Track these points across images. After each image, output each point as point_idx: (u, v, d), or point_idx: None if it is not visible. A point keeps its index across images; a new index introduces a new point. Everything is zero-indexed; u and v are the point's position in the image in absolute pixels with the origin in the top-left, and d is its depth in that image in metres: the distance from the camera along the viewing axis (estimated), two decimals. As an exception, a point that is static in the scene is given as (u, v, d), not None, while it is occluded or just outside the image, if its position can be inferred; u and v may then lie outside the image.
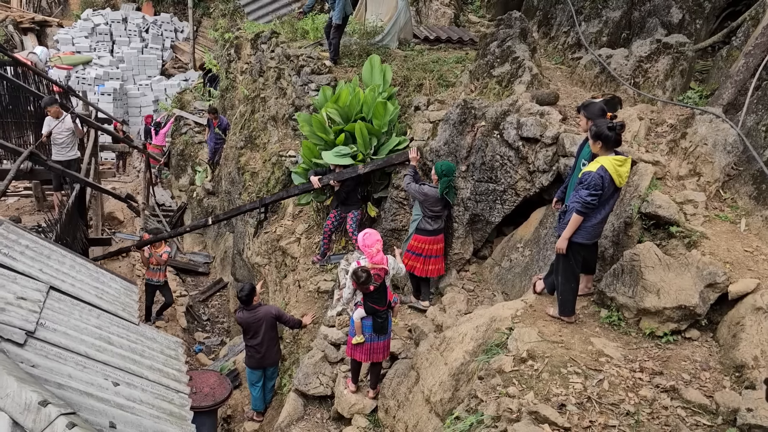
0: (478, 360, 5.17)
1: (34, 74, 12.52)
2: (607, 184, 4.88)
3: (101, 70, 22.82)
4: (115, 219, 14.79)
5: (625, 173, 5.01)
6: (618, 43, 9.62)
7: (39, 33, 24.82)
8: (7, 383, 3.16)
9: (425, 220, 7.21)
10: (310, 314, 8.07)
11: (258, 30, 13.40)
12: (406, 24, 11.22)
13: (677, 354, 4.92)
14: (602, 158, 4.94)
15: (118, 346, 4.91)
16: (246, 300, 7.47)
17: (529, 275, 6.86)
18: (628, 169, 5.04)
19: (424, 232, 7.21)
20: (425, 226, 7.21)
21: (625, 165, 4.98)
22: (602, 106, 5.55)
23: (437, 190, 7.04)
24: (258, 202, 10.23)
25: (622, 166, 4.96)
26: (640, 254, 5.32)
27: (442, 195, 7.05)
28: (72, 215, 8.37)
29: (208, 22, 23.92)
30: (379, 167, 8.22)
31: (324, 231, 8.82)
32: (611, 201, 5.12)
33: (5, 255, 4.90)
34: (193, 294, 13.14)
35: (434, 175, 7.09)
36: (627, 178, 5.14)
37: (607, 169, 4.86)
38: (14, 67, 12.14)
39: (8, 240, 5.18)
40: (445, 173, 6.99)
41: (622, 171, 4.96)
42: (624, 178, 5.02)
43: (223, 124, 14.25)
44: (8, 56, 12.71)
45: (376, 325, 6.12)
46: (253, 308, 7.52)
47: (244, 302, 7.50)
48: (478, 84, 8.59)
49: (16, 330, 4.02)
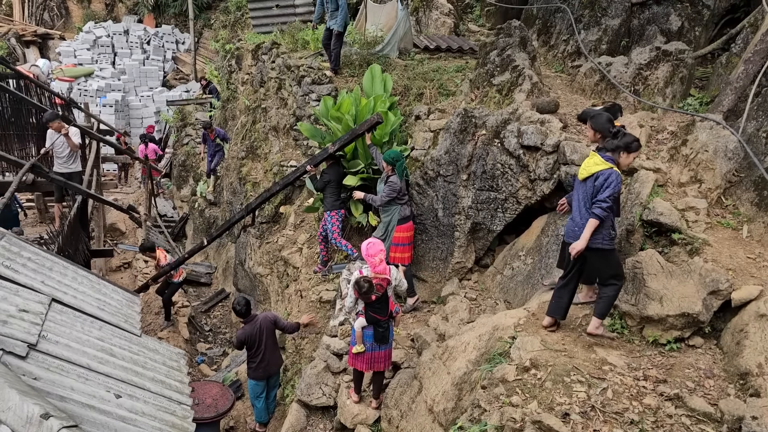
0: (481, 369, 5.15)
1: (36, 87, 12.57)
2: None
3: (103, 82, 22.93)
4: (117, 230, 14.79)
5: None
6: (617, 50, 9.65)
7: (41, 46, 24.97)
8: (9, 396, 3.15)
9: (402, 209, 7.55)
10: (307, 315, 8.06)
11: (259, 41, 13.46)
12: (406, 33, 11.26)
13: (681, 362, 4.90)
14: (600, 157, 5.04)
15: (121, 358, 4.90)
16: (245, 312, 7.47)
17: (531, 283, 6.85)
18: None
19: (405, 219, 7.57)
20: (404, 213, 7.56)
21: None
22: (609, 116, 5.60)
23: (397, 177, 7.44)
24: (244, 210, 10.09)
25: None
26: (642, 262, 5.31)
27: (403, 178, 7.50)
28: (74, 227, 8.38)
29: (210, 33, 24.04)
30: (347, 141, 8.26)
31: (318, 237, 8.85)
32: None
33: (7, 267, 4.91)
34: (196, 305, 13.11)
35: (387, 166, 7.50)
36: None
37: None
38: (16, 79, 12.19)
39: (10, 252, 5.18)
40: (396, 159, 7.45)
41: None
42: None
43: (220, 135, 14.26)
44: (10, 69, 12.78)
45: (377, 335, 6.11)
46: (252, 318, 7.52)
47: (243, 314, 7.49)
48: (478, 93, 8.61)
49: (18, 342, 4.02)
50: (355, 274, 6.20)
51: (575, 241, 5.01)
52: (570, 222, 5.29)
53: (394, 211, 7.56)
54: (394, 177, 7.48)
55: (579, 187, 5.19)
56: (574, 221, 5.21)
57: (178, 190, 17.85)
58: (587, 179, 5.07)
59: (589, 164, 5.09)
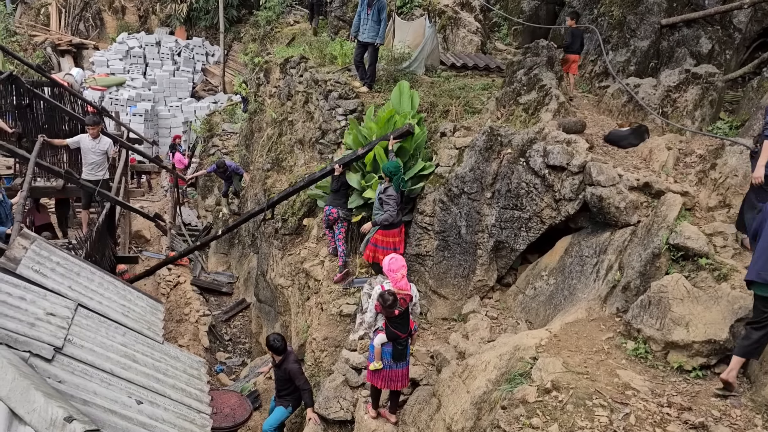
0: (501, 389, 5.10)
1: (69, 95, 12.88)
2: None
3: (134, 91, 23.38)
4: (142, 237, 15.03)
5: None
6: (646, 72, 9.60)
7: (76, 55, 25.59)
8: (34, 398, 3.20)
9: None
10: (315, 416, 7.17)
11: (287, 54, 13.64)
12: (433, 51, 11.33)
13: (707, 389, 4.80)
14: None
15: (143, 364, 4.94)
16: (283, 347, 7.18)
17: (553, 304, 6.79)
18: None
19: (389, 226, 7.88)
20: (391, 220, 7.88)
21: None
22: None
23: (393, 189, 7.79)
24: (265, 204, 10.41)
25: None
26: (668, 286, 5.24)
27: (399, 189, 7.91)
28: (102, 233, 8.52)
29: (239, 46, 24.41)
30: (374, 144, 8.62)
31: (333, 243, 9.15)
32: None
33: (36, 272, 5.00)
34: (216, 314, 13.22)
35: (386, 177, 7.85)
36: None
37: None
38: (51, 87, 12.51)
39: (40, 257, 5.28)
40: (394, 172, 7.81)
41: None
42: None
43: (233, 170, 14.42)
44: (46, 77, 13.11)
45: (396, 352, 6.07)
46: (289, 354, 7.32)
47: (281, 350, 7.15)
48: (504, 111, 8.61)
49: (45, 345, 4.08)
50: (376, 288, 6.20)
51: None
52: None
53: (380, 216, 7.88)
54: (390, 189, 7.75)
55: None
56: None
57: (202, 200, 18.07)
58: None
59: None
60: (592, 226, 6.86)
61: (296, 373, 7.15)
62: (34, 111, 11.83)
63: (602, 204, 6.40)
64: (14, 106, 11.78)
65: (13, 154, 8.93)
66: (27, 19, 26.48)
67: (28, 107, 11.76)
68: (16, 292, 4.43)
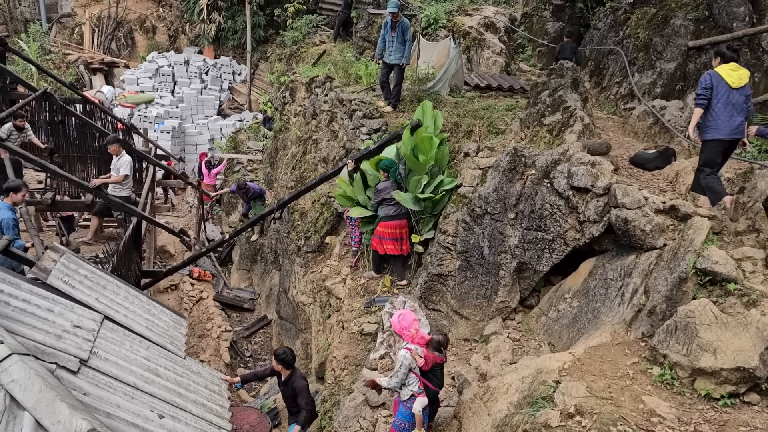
0: (523, 413, 5.03)
1: (100, 112, 13.19)
2: (716, 84, 6.09)
3: (162, 109, 23.81)
4: (167, 252, 15.19)
5: (737, 76, 6.12)
6: (672, 94, 9.53)
7: (107, 73, 26.18)
8: (60, 410, 3.25)
9: (386, 209, 8.78)
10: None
11: (313, 74, 13.82)
12: (457, 71, 11.39)
13: (735, 419, 4.68)
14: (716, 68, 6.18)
15: (165, 379, 4.99)
16: (293, 360, 7.10)
17: (576, 327, 6.70)
18: (741, 73, 6.15)
19: (387, 218, 8.79)
20: (387, 212, 8.77)
21: (738, 70, 6.15)
22: None
23: (389, 181, 8.83)
24: (276, 204, 10.83)
25: (735, 71, 6.13)
26: (695, 311, 5.14)
27: (396, 181, 8.92)
28: (128, 247, 8.65)
29: (265, 65, 24.78)
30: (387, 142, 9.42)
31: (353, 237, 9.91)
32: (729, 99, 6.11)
33: (66, 284, 5.10)
34: (237, 330, 13.28)
35: (383, 172, 8.94)
36: (742, 80, 6.15)
37: (718, 73, 6.12)
38: (83, 104, 12.83)
39: (69, 269, 5.38)
40: (390, 167, 8.89)
41: (734, 74, 6.11)
42: (737, 79, 6.11)
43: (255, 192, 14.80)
44: (78, 94, 13.46)
45: (432, 413, 6.03)
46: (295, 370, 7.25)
47: (291, 363, 7.06)
48: (528, 132, 8.60)
49: (71, 357, 4.14)
50: (402, 352, 5.91)
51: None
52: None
53: (381, 210, 8.86)
54: (382, 184, 8.82)
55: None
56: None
57: (227, 216, 18.24)
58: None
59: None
60: (616, 249, 6.78)
61: (303, 390, 7.02)
62: (66, 127, 12.14)
63: (627, 226, 6.33)
64: (47, 122, 12.11)
65: (45, 168, 9.14)
66: (62, 38, 27.22)
67: (61, 123, 12.08)
68: (44, 304, 4.51)
